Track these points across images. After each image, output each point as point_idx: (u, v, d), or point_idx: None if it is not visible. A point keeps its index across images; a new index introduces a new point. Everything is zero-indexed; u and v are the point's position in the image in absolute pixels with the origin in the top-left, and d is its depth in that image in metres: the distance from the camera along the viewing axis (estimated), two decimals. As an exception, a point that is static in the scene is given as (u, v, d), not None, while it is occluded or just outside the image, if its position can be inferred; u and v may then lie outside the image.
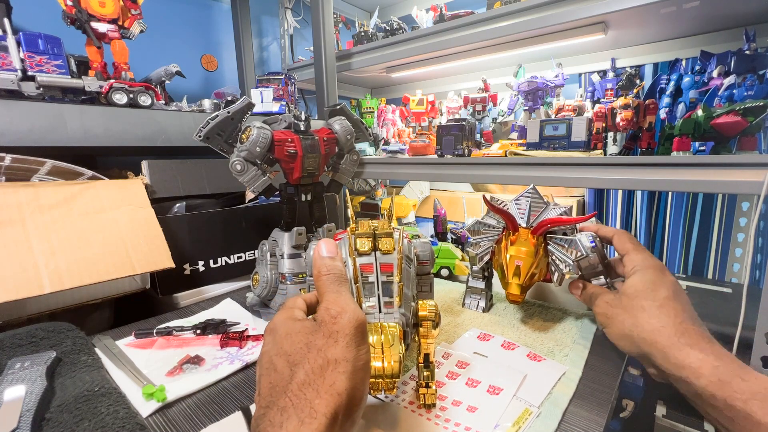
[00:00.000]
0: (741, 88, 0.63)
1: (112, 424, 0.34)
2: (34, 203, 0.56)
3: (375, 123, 1.22)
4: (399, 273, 0.36)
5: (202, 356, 0.50)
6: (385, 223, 0.40)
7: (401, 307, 0.35)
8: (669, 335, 0.37)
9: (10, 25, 0.65)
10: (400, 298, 0.35)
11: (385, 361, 0.31)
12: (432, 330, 0.37)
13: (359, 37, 1.28)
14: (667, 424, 1.04)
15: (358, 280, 0.35)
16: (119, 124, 0.69)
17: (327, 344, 0.28)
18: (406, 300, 0.36)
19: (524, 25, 0.90)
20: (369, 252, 0.37)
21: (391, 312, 0.34)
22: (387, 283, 0.35)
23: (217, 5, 1.33)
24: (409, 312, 0.36)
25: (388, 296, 0.35)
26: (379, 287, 0.35)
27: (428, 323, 0.37)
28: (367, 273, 0.36)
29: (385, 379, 0.31)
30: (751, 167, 0.54)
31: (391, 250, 0.37)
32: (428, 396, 0.37)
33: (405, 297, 0.36)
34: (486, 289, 0.62)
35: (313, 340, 0.28)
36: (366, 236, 0.37)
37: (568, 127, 0.78)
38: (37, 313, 0.56)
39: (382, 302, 0.34)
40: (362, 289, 0.35)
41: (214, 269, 0.75)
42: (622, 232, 0.51)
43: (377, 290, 0.35)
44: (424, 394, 0.38)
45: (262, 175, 0.60)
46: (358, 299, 0.34)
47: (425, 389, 0.38)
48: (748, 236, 1.14)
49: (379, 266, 0.36)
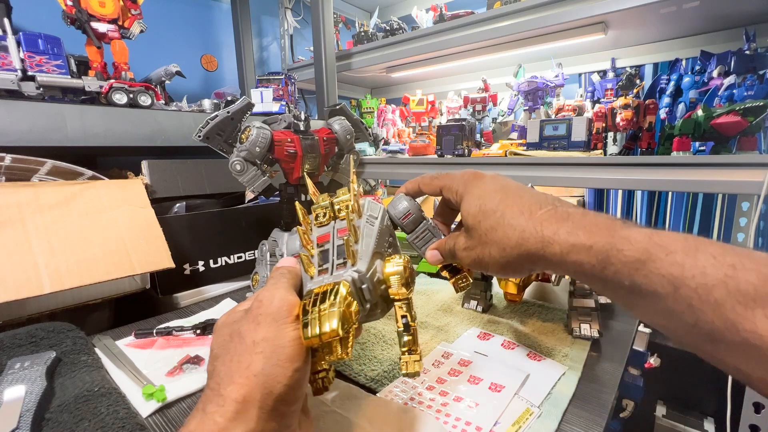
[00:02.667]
0: (741, 88, 0.63)
1: (112, 424, 0.34)
2: (34, 203, 0.56)
3: (375, 123, 1.22)
4: (354, 232, 0.33)
5: (202, 356, 0.50)
6: (344, 191, 0.37)
7: (356, 265, 0.31)
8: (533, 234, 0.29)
9: (10, 25, 0.65)
10: (353, 255, 0.31)
11: (318, 322, 0.26)
12: (402, 288, 0.32)
13: (359, 37, 1.29)
14: (667, 424, 1.04)
15: (311, 250, 0.33)
16: (119, 124, 0.69)
17: (249, 328, 0.26)
18: (365, 258, 0.32)
19: (524, 25, 0.90)
20: (327, 222, 0.35)
21: (342, 272, 0.31)
22: (341, 245, 0.32)
23: (217, 5, 1.33)
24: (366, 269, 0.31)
25: (342, 258, 0.32)
26: (334, 252, 0.32)
27: (395, 279, 0.32)
28: (323, 242, 0.33)
29: (325, 340, 0.26)
30: (751, 167, 0.54)
31: (347, 214, 0.34)
32: (410, 363, 0.33)
33: (363, 253, 0.32)
34: (485, 289, 0.62)
35: (237, 329, 0.27)
36: (324, 207, 0.35)
37: (568, 127, 0.78)
38: (37, 313, 0.56)
39: (335, 266, 0.31)
40: (313, 258, 0.32)
41: (214, 269, 0.75)
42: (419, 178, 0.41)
43: (332, 256, 0.32)
44: (407, 361, 0.33)
45: (262, 175, 0.60)
46: (307, 269, 0.32)
47: (407, 356, 0.33)
48: (748, 236, 1.14)
49: (336, 232, 0.33)
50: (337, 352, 0.28)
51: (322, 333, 0.26)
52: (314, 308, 0.27)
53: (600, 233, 0.26)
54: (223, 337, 0.27)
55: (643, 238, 0.24)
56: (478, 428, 0.36)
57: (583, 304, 0.53)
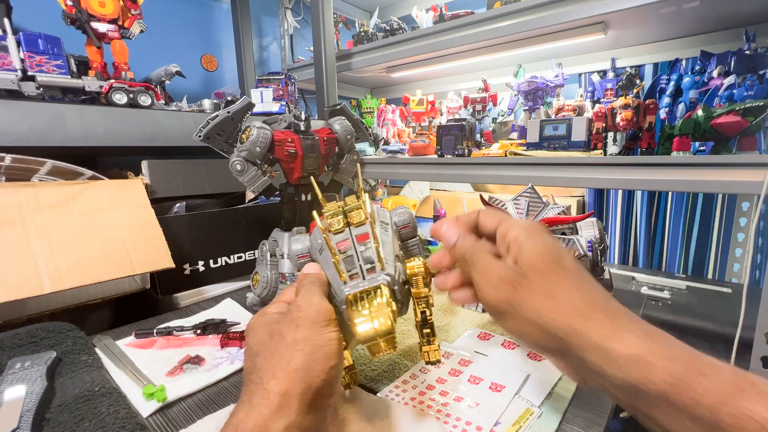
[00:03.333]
0: (741, 88, 0.63)
1: (113, 424, 0.34)
2: (34, 203, 0.56)
3: (375, 123, 1.22)
4: (375, 239, 0.35)
5: (202, 356, 0.50)
6: (352, 198, 0.40)
7: (384, 270, 0.34)
8: (597, 317, 0.26)
9: (10, 25, 0.65)
10: (381, 261, 0.34)
11: (374, 321, 0.30)
12: (423, 287, 0.36)
13: (359, 37, 1.29)
14: (667, 424, 1.03)
15: (336, 256, 0.35)
16: (119, 124, 0.69)
17: (289, 329, 0.28)
18: (390, 262, 0.35)
19: (524, 25, 0.90)
20: (343, 229, 0.37)
21: (374, 276, 0.34)
22: (366, 251, 0.35)
23: (217, 5, 1.33)
24: (394, 272, 0.35)
25: (369, 263, 0.34)
26: (359, 258, 0.35)
27: (418, 279, 0.36)
28: (345, 248, 0.35)
29: (381, 337, 0.30)
30: (751, 167, 0.54)
31: (363, 221, 0.36)
32: (432, 352, 0.37)
33: (386, 259, 0.35)
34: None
35: (276, 329, 0.29)
36: (336, 214, 0.37)
37: (568, 127, 0.78)
38: (37, 313, 0.56)
39: (365, 270, 0.34)
40: (340, 264, 0.34)
41: (214, 269, 0.75)
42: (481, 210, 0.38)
43: (358, 261, 0.35)
44: (428, 351, 0.37)
45: (262, 175, 0.61)
46: (339, 275, 0.34)
47: (428, 346, 0.37)
48: (748, 236, 1.14)
49: (354, 239, 0.36)
50: (383, 348, 0.31)
51: (378, 331, 0.30)
52: (363, 309, 0.31)
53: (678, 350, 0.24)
54: (261, 336, 0.29)
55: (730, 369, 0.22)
56: (478, 428, 0.36)
57: None
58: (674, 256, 1.27)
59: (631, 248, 1.36)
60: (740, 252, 1.18)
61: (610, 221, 1.37)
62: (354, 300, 0.32)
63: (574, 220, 0.53)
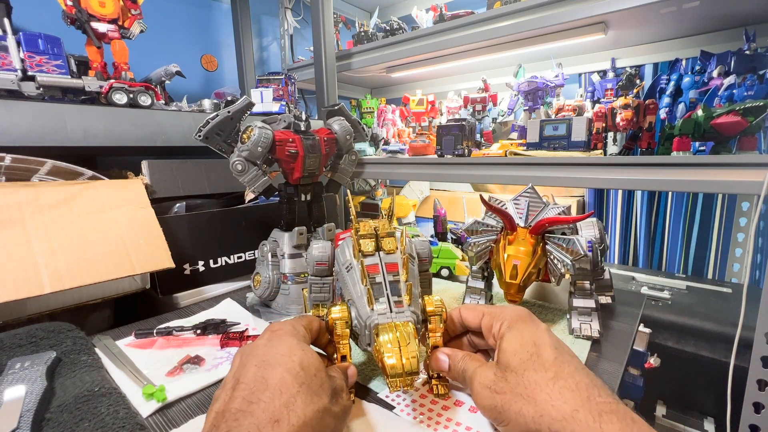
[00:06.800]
0: (741, 88, 0.63)
1: (112, 424, 0.34)
2: (34, 203, 0.56)
3: (375, 123, 1.22)
4: (406, 272, 0.37)
5: (202, 356, 0.50)
6: (385, 223, 0.40)
7: (411, 305, 0.35)
8: (586, 421, 0.26)
9: (10, 25, 0.65)
10: (410, 296, 0.35)
11: (403, 358, 0.31)
12: (440, 324, 0.38)
13: (359, 37, 1.29)
14: (667, 424, 1.04)
15: (365, 281, 0.36)
16: (119, 124, 0.69)
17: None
18: (414, 298, 0.37)
19: (524, 25, 0.90)
20: (373, 253, 0.37)
21: (402, 311, 0.35)
22: (394, 282, 0.36)
23: (217, 5, 1.33)
24: (418, 309, 0.37)
25: (396, 295, 0.35)
26: (387, 287, 0.36)
27: (436, 318, 0.38)
28: (373, 274, 0.36)
29: (405, 376, 0.32)
30: (751, 167, 0.54)
31: (394, 249, 0.38)
32: (441, 386, 0.39)
33: (413, 295, 0.36)
34: (486, 290, 0.62)
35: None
36: (369, 237, 0.38)
37: (568, 127, 0.78)
38: (37, 313, 0.56)
39: (392, 302, 0.35)
40: (372, 291, 0.35)
41: (214, 269, 0.75)
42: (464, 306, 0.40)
43: (386, 290, 0.36)
44: (437, 384, 0.39)
45: (262, 175, 0.61)
46: (369, 301, 0.35)
47: (437, 380, 0.39)
48: (748, 236, 1.14)
49: (384, 266, 0.37)
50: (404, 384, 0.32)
51: (405, 369, 0.31)
52: (391, 344, 0.32)
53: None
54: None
55: None
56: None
57: (584, 304, 0.53)
58: (674, 256, 1.27)
59: (631, 248, 1.36)
60: (740, 252, 1.18)
61: (610, 221, 1.37)
62: (382, 330, 0.33)
63: (574, 220, 0.53)
